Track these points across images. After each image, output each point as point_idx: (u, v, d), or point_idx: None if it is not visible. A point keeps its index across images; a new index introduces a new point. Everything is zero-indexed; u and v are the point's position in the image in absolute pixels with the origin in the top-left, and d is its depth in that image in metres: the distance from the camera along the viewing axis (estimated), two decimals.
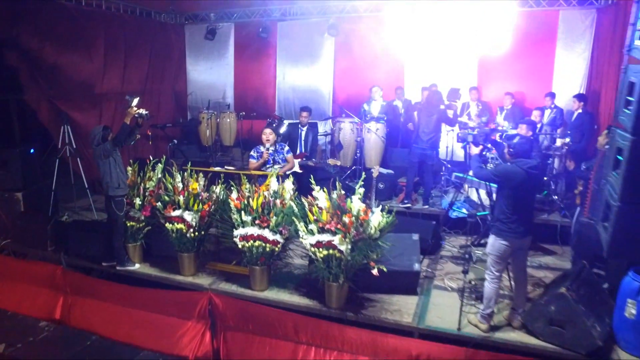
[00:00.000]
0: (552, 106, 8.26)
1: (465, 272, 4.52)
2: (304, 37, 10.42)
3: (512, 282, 4.62)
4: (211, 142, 10.09)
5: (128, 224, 5.50)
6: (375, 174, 6.79)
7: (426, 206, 7.04)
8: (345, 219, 4.39)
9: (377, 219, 4.40)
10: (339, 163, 7.24)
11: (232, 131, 10.35)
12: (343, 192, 4.71)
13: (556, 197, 6.85)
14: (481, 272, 5.30)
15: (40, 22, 7.62)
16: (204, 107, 10.80)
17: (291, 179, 5.10)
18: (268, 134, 6.24)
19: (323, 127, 9.77)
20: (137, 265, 5.64)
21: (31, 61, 7.71)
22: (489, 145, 4.80)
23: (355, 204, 4.49)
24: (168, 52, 10.91)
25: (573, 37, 8.86)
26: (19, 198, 6.48)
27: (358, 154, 7.80)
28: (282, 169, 6.26)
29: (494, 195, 5.40)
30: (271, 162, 6.23)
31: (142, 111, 5.24)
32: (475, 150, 4.56)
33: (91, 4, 8.91)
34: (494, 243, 4.24)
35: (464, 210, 6.73)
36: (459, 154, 8.53)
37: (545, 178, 6.68)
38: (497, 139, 4.76)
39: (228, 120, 10.28)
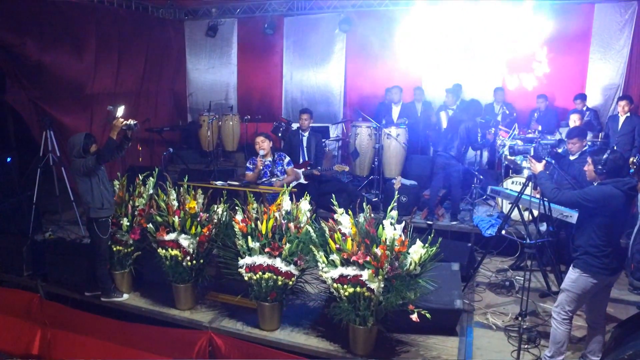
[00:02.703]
0: (584, 109, 7.46)
1: (522, 315, 3.71)
2: (313, 33, 9.63)
3: (587, 324, 3.80)
4: (212, 147, 9.29)
5: (114, 249, 4.69)
6: (397, 186, 5.98)
7: (454, 222, 6.22)
8: (377, 250, 3.57)
9: (417, 251, 3.58)
10: (346, 169, 6.42)
11: (235, 135, 9.55)
12: (372, 215, 3.89)
13: None
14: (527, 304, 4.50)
15: (19, 15, 6.82)
16: (204, 109, 10.00)
17: (307, 198, 4.27)
18: (260, 142, 5.41)
19: (334, 131, 8.96)
20: (125, 296, 4.83)
21: (11, 58, 6.93)
22: (551, 160, 3.96)
23: (388, 230, 3.67)
24: (166, 49, 10.12)
25: (610, 33, 8.08)
26: None
27: (376, 162, 6.98)
28: (281, 181, 5.47)
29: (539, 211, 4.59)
30: (268, 174, 5.39)
31: (130, 122, 4.42)
32: (539, 166, 3.72)
33: None
34: (577, 279, 3.46)
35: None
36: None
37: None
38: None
39: (231, 123, 9.49)
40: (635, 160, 4.58)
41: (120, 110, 4.40)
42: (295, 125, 7.73)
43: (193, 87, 10.77)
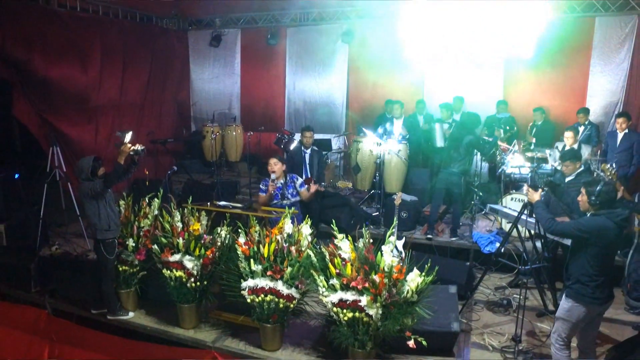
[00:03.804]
0: (586, 123, 7.52)
1: (517, 340, 3.80)
2: (315, 43, 9.73)
3: (578, 348, 3.89)
4: (216, 157, 9.40)
5: (120, 269, 4.80)
6: (397, 202, 6.08)
7: (454, 238, 6.30)
8: (376, 277, 3.67)
9: (414, 279, 3.67)
10: (349, 185, 6.48)
11: (238, 146, 9.65)
12: (371, 240, 3.98)
13: None
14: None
15: (27, 30, 6.94)
16: (208, 117, 10.12)
17: (307, 221, 4.36)
18: (273, 164, 5.33)
19: (336, 143, 9.05)
20: (130, 314, 4.94)
21: (19, 73, 7.05)
22: (546, 189, 4.05)
23: (386, 257, 3.77)
24: (170, 59, 10.23)
25: (610, 46, 8.12)
26: (0, 231, 5.81)
27: (377, 177, 7.06)
28: (296, 199, 5.52)
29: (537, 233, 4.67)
30: (279, 196, 5.44)
31: (138, 147, 4.54)
32: (535, 196, 3.81)
33: (87, 10, 8.24)
34: (571, 309, 3.55)
35: (498, 245, 6.00)
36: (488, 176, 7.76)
37: None
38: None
39: (234, 134, 9.59)
40: (608, 167, 4.56)
41: (128, 136, 4.52)
42: (297, 135, 7.83)
43: (197, 97, 10.86)
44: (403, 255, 5.90)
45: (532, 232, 5.29)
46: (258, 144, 9.56)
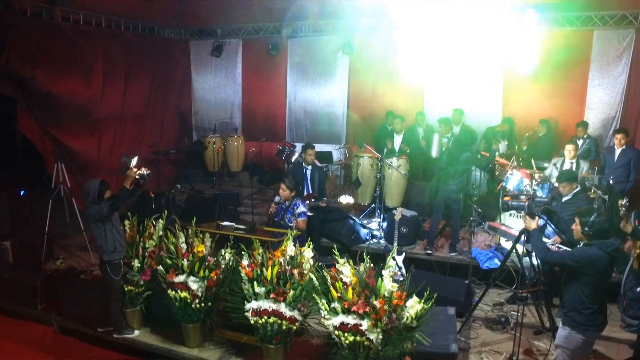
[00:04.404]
0: (585, 136, 7.61)
1: None
2: (316, 54, 9.81)
3: None
4: (218, 167, 9.49)
5: (126, 288, 4.90)
6: (397, 217, 6.19)
7: (453, 254, 6.40)
8: (376, 303, 3.77)
9: (413, 306, 3.76)
10: (351, 201, 6.57)
11: (239, 156, 9.75)
12: (371, 264, 4.07)
13: None
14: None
15: (32, 46, 7.03)
16: (210, 127, 10.22)
17: (309, 244, 4.45)
18: (281, 191, 5.53)
19: (337, 155, 9.15)
20: (136, 332, 5.03)
21: (24, 89, 7.13)
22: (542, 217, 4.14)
23: (387, 282, 3.86)
24: (172, 69, 10.31)
25: (608, 59, 8.22)
26: (6, 247, 5.92)
27: (378, 191, 7.16)
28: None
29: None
30: (280, 215, 5.58)
31: (143, 172, 4.64)
32: (532, 224, 3.91)
33: (90, 22, 8.31)
34: (568, 336, 3.65)
35: (497, 261, 6.11)
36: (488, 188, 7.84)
37: None
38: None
39: (235, 144, 9.68)
40: (623, 203, 4.71)
41: (134, 161, 4.62)
42: (299, 147, 7.92)
43: (198, 106, 10.94)
44: (403, 271, 6.06)
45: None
46: (259, 154, 9.66)
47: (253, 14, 9.58)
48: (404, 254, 6.27)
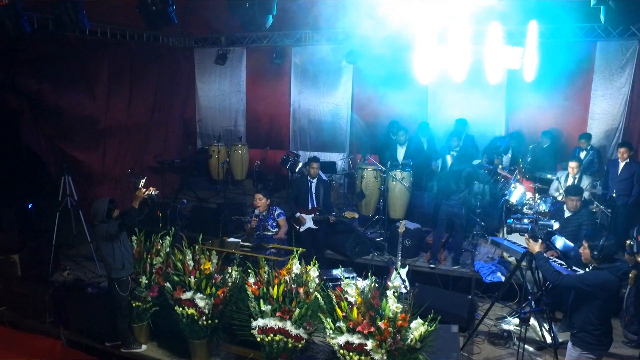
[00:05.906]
0: (588, 148, 7.64)
1: None
2: (320, 63, 9.83)
3: None
4: (222, 175, 9.56)
5: (133, 304, 4.97)
6: (401, 230, 6.25)
7: (456, 267, 6.45)
8: (381, 324, 3.82)
9: (418, 328, 3.82)
10: (356, 216, 6.60)
11: (244, 165, 9.82)
12: (376, 284, 4.13)
13: None
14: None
15: (38, 60, 7.09)
16: (214, 134, 10.29)
17: (317, 267, 4.51)
18: (258, 200, 5.67)
19: (341, 165, 9.20)
20: (143, 347, 5.10)
21: (30, 102, 7.20)
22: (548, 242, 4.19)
23: (391, 303, 3.92)
24: (176, 77, 10.37)
25: (612, 71, 8.25)
26: (15, 260, 5.99)
27: (381, 203, 7.21)
28: (275, 235, 5.80)
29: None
30: (261, 228, 5.69)
31: (152, 192, 4.72)
32: (536, 247, 3.96)
33: (95, 32, 8.36)
34: (579, 357, 3.73)
35: (499, 275, 6.16)
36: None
37: None
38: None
39: (240, 152, 9.74)
40: (631, 243, 4.74)
41: (143, 182, 4.68)
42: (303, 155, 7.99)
43: (203, 113, 11.01)
44: (407, 284, 6.12)
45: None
46: (263, 162, 9.73)
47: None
48: (407, 266, 6.33)
